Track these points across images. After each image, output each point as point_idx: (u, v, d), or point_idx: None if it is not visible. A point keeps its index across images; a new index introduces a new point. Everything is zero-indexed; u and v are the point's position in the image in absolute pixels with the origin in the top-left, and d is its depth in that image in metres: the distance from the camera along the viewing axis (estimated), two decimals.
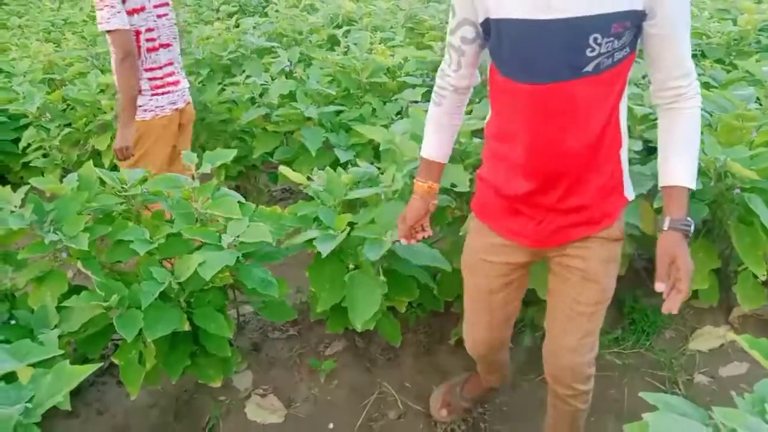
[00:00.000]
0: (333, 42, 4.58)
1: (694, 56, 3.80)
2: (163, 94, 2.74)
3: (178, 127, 2.84)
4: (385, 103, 3.30)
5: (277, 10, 6.65)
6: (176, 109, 2.80)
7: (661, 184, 1.35)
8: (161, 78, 2.74)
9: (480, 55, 1.45)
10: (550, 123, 1.31)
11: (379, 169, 2.43)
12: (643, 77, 2.57)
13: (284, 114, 3.10)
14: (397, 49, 3.99)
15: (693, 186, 1.32)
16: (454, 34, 1.40)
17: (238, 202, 2.05)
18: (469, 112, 2.40)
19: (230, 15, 7.24)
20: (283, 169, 2.38)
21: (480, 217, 1.59)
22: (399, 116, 3.14)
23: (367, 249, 1.96)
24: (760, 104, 2.41)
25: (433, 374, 2.30)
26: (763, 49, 3.89)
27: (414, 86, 3.27)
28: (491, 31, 1.31)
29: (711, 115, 2.23)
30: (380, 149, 2.51)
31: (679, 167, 1.31)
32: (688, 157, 1.32)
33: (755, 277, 2.19)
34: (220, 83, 3.82)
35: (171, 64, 2.80)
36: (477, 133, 2.24)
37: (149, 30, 2.65)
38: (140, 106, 2.66)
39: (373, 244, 1.97)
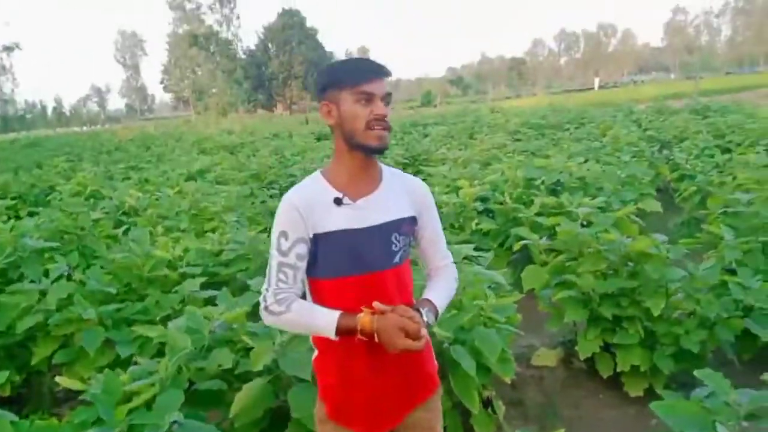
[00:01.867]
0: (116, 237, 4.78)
1: None
2: None
3: None
4: (167, 293, 3.56)
5: (60, 199, 6.68)
6: None
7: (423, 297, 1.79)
8: None
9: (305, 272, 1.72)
10: (379, 301, 1.64)
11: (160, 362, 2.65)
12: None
13: (63, 318, 3.21)
14: (179, 237, 4.33)
15: (439, 308, 1.75)
16: (289, 255, 1.67)
17: (11, 421, 2.14)
18: None
19: (8, 208, 7.06)
20: (59, 379, 2.51)
21: (339, 422, 1.78)
22: (182, 304, 3.42)
23: None
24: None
25: None
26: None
27: (194, 276, 3.60)
28: (319, 244, 1.67)
29: None
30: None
31: (433, 293, 1.79)
32: (443, 293, 1.81)
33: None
34: None
35: None
36: None
37: None
38: None
39: (152, 429, 2.16)
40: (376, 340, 1.61)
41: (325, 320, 1.66)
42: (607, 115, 15.08)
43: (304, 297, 1.77)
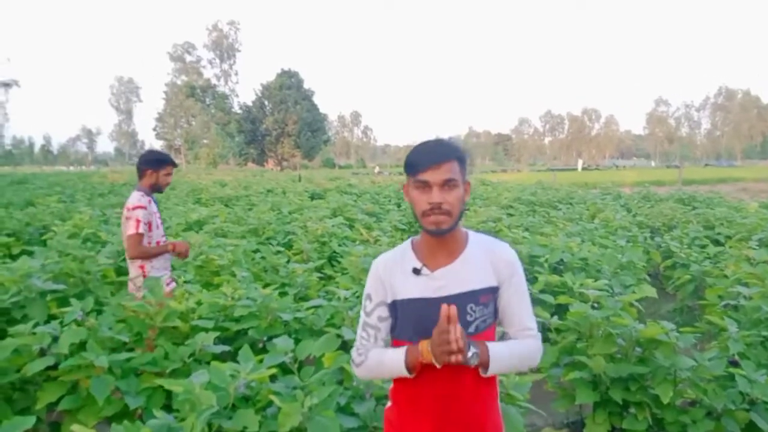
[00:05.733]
0: (122, 284, 4.75)
1: None
2: None
3: None
4: (177, 345, 3.53)
5: (58, 240, 6.61)
6: None
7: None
8: None
9: (388, 332, 1.86)
10: (446, 370, 1.71)
11: (176, 417, 2.62)
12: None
13: (74, 363, 3.16)
14: (189, 289, 4.31)
15: (491, 352, 1.72)
16: (371, 315, 1.84)
17: None
18: None
19: (1, 245, 6.98)
20: (76, 428, 2.46)
21: None
22: (191, 358, 3.38)
23: None
24: None
25: None
26: None
27: (207, 330, 3.58)
28: (398, 309, 1.79)
29: None
30: (175, 396, 2.70)
31: (499, 347, 1.76)
32: (511, 352, 1.77)
33: None
34: None
35: None
36: None
37: None
38: None
39: None
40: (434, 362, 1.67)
41: (396, 357, 1.76)
42: (595, 197, 15.45)
43: None
